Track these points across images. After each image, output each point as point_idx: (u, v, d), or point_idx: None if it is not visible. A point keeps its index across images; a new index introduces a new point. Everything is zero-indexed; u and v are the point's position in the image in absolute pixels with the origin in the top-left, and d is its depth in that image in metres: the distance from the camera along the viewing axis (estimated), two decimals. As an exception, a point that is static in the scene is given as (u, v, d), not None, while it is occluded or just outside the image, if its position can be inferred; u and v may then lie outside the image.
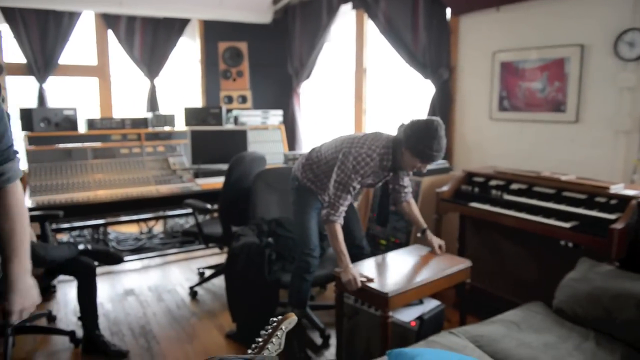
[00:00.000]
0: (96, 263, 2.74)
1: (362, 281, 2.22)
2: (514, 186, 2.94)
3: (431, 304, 2.41)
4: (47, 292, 3.37)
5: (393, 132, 2.43)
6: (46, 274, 2.57)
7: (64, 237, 4.28)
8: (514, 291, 2.96)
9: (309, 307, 2.99)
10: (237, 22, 5.49)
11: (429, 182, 3.40)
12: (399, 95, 4.59)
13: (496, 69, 3.58)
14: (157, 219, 4.55)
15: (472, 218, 3.12)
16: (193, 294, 3.46)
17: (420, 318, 2.29)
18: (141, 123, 4.19)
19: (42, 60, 4.74)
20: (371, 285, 2.20)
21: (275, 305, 2.84)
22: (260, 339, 1.23)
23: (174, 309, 3.27)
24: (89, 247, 2.68)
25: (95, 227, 4.23)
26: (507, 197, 2.91)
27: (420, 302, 2.43)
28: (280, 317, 1.25)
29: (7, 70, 4.48)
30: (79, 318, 2.66)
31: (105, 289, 3.60)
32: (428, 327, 2.29)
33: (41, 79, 4.77)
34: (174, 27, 5.34)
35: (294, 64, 5.50)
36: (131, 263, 4.11)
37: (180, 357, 2.68)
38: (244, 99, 5.36)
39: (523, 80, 3.42)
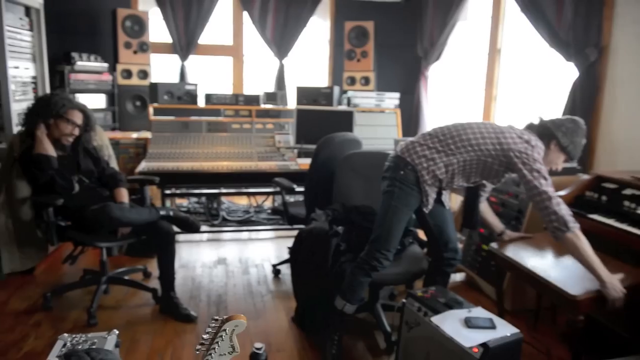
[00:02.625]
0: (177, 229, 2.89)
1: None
2: (656, 199, 2.26)
3: (505, 330, 1.98)
4: (151, 250, 3.68)
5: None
6: (132, 233, 2.79)
7: (183, 202, 4.67)
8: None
9: (380, 305, 2.74)
10: (369, 0, 5.28)
11: (546, 185, 2.80)
12: (534, 82, 3.94)
13: (662, 49, 2.80)
14: (267, 194, 4.66)
15: (593, 234, 2.49)
16: (276, 271, 3.46)
17: (484, 345, 1.89)
18: (253, 100, 4.30)
19: (184, 40, 5.18)
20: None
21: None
22: (205, 336, 1.08)
23: (254, 283, 3.30)
24: (171, 213, 2.80)
25: (210, 196, 4.51)
26: (643, 212, 2.26)
27: (493, 325, 2.01)
28: (225, 317, 1.08)
29: (153, 49, 5.00)
30: (159, 278, 2.83)
31: (203, 254, 3.82)
32: (495, 358, 1.88)
33: (183, 57, 5.23)
34: (305, 6, 5.36)
35: (423, 44, 5.11)
36: (236, 233, 4.30)
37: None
38: (366, 81, 5.18)
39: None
